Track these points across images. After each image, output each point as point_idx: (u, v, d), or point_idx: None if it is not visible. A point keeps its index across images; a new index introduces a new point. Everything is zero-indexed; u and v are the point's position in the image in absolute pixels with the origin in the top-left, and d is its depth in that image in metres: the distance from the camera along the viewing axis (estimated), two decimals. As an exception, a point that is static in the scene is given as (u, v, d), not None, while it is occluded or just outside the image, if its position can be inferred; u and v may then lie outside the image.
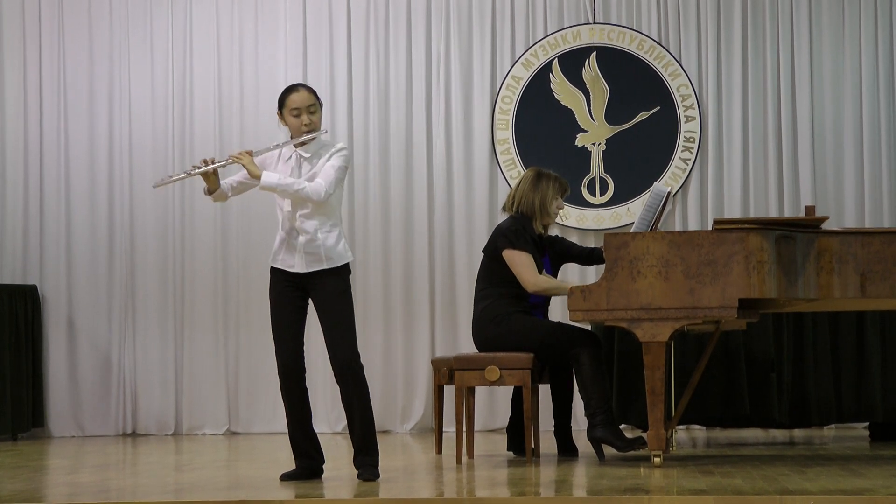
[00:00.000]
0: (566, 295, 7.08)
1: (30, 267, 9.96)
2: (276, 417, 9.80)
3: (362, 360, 6.12)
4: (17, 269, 9.94)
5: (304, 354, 6.21)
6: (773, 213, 9.74)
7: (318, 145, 6.14)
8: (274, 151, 6.20)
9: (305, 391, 6.21)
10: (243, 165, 6.03)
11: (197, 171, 6.05)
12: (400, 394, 9.80)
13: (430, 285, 9.89)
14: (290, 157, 6.13)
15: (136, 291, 9.95)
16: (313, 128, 6.10)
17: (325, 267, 6.07)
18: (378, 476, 6.05)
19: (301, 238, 6.10)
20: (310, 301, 6.16)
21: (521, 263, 7.02)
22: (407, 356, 9.84)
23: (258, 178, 6.02)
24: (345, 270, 6.12)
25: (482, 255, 7.27)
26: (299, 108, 6.09)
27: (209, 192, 6.13)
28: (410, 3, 10.03)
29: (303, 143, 6.12)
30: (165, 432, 9.87)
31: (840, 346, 8.10)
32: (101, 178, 10.01)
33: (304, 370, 6.18)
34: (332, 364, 6.07)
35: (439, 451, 7.55)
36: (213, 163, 6.07)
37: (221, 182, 6.18)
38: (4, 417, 9.27)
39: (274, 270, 6.18)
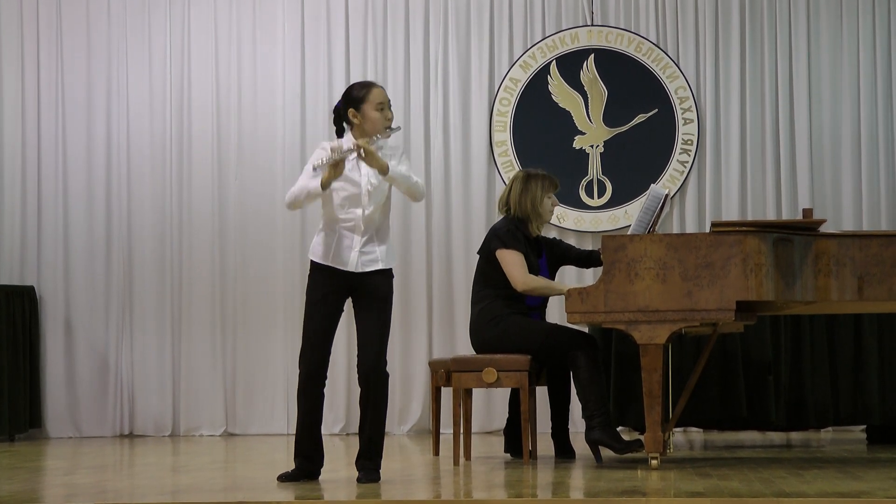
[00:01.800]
0: (556, 295, 7.12)
1: (27, 267, 9.95)
2: (274, 419, 9.82)
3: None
4: (14, 269, 9.93)
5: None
6: (770, 216, 9.74)
7: (384, 143, 6.11)
8: (326, 148, 6.07)
9: (322, 397, 6.17)
10: (370, 154, 5.86)
11: (341, 156, 5.88)
12: (397, 395, 9.79)
13: (427, 287, 9.89)
14: (355, 154, 6.01)
15: (133, 292, 9.95)
16: (390, 123, 6.09)
17: (381, 267, 6.07)
18: (378, 479, 6.05)
19: (361, 238, 6.06)
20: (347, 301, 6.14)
21: (511, 263, 7.03)
22: (404, 358, 9.84)
23: (384, 169, 5.90)
24: (392, 273, 6.14)
25: (478, 256, 7.29)
26: (383, 103, 6.06)
27: (326, 185, 5.93)
28: (408, 5, 10.03)
29: (380, 137, 6.04)
30: (163, 433, 9.87)
31: (837, 349, 8.10)
32: (98, 178, 10.01)
33: (325, 377, 6.15)
34: (358, 364, 6.05)
35: (436, 452, 7.55)
36: (346, 151, 5.92)
37: None
38: (2, 418, 9.26)
39: (319, 268, 6.09)
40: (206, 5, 10.08)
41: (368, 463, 6.07)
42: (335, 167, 5.92)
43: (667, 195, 6.95)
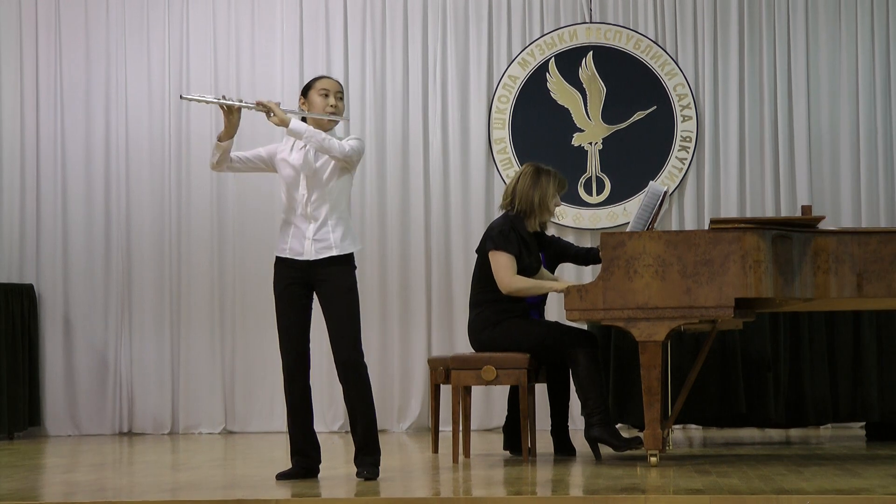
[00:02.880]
0: (545, 293, 7.11)
1: (26, 265, 9.95)
2: (273, 416, 9.81)
3: (360, 359, 6.13)
4: (13, 267, 9.93)
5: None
6: (769, 213, 9.74)
7: (334, 134, 6.13)
8: (288, 136, 6.15)
9: (308, 389, 6.19)
10: (270, 109, 5.97)
11: (226, 100, 6.03)
12: (396, 393, 9.80)
13: (426, 284, 9.89)
14: (305, 144, 6.09)
15: (132, 290, 9.95)
16: (338, 112, 6.11)
17: (335, 254, 6.07)
18: (377, 475, 6.05)
19: (311, 225, 6.08)
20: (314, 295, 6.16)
21: (499, 264, 7.02)
22: (403, 355, 9.85)
23: (286, 123, 5.97)
24: (351, 261, 6.12)
25: (476, 255, 7.28)
26: (328, 90, 6.12)
27: (224, 137, 6.08)
28: (407, 3, 10.03)
29: (321, 127, 6.09)
30: (162, 431, 9.87)
31: (836, 346, 8.10)
32: (97, 176, 10.01)
33: (308, 368, 6.17)
34: (335, 361, 6.06)
35: (436, 450, 7.56)
36: (240, 101, 6.07)
37: (232, 152, 6.16)
38: (1, 416, 9.26)
39: (280, 262, 6.15)
40: (205, 4, 10.08)
41: (367, 459, 6.07)
42: (229, 113, 6.05)
43: (665, 192, 6.95)
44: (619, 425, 7.99)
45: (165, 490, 5.92)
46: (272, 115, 6.00)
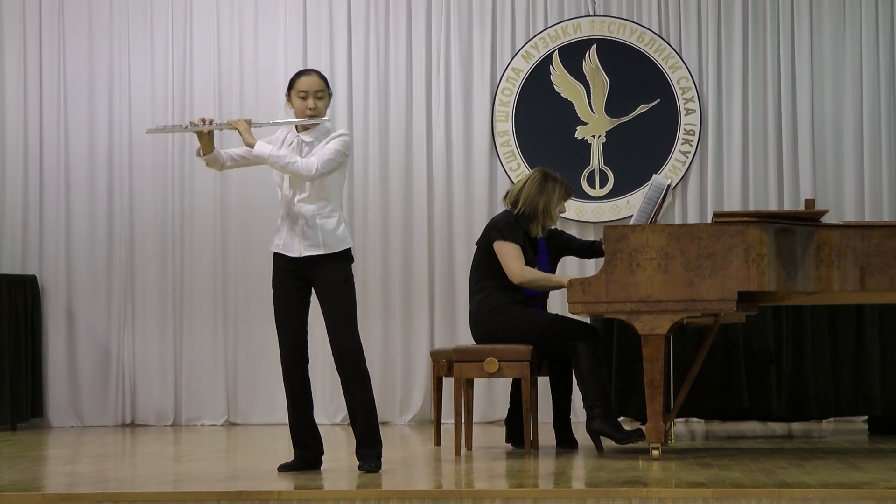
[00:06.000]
0: (554, 288, 7.12)
1: (29, 257, 9.95)
2: (275, 408, 9.81)
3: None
4: (16, 259, 9.93)
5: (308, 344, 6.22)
6: (772, 207, 9.73)
7: (321, 132, 6.14)
8: (278, 135, 6.19)
9: (307, 381, 6.21)
10: (239, 131, 6.03)
11: (193, 127, 6.06)
12: (399, 386, 9.80)
13: (429, 277, 9.88)
14: (293, 141, 6.14)
15: (135, 282, 9.95)
16: (317, 113, 6.10)
17: (323, 252, 6.08)
18: (379, 468, 6.05)
19: (299, 222, 6.10)
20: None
21: (508, 255, 7.03)
22: (406, 348, 9.84)
23: (251, 145, 6.03)
24: (345, 257, 6.12)
25: (476, 248, 7.29)
26: (307, 91, 6.10)
27: (201, 153, 6.12)
28: (411, -5, 10.03)
29: (305, 127, 6.11)
30: (164, 423, 9.88)
31: (839, 340, 8.10)
32: (100, 167, 10.01)
33: (307, 360, 6.19)
34: (332, 353, 6.08)
35: (438, 442, 7.56)
36: (210, 123, 6.08)
37: (222, 151, 6.18)
38: (3, 407, 9.26)
39: (275, 256, 6.19)
40: (209, -5, 10.08)
41: (369, 451, 6.08)
42: (200, 137, 6.08)
43: (669, 185, 6.96)
44: (621, 418, 7.99)
45: (167, 482, 5.93)
46: (241, 135, 6.06)
